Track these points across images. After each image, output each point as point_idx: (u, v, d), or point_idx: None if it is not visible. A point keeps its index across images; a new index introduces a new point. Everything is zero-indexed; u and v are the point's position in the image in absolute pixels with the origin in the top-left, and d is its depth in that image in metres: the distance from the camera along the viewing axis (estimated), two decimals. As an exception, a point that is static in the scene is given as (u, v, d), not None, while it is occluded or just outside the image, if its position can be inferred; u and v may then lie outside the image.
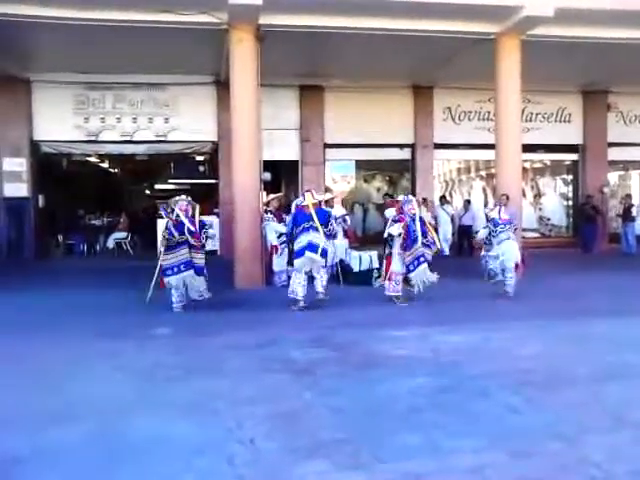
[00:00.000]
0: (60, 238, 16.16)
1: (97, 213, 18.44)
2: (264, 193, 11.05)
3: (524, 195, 16.19)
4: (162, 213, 8.67)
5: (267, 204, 10.74)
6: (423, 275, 8.32)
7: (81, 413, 4.17)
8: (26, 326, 7.15)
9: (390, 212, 8.87)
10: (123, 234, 16.72)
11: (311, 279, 8.27)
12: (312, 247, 8.00)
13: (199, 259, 7.97)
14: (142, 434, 3.77)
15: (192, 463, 3.36)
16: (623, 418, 3.99)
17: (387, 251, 8.65)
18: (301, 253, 8.05)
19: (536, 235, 16.94)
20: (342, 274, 10.15)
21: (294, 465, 3.33)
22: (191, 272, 7.85)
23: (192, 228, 7.86)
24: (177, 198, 8.21)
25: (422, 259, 8.30)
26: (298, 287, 8.09)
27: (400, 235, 8.23)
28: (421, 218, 8.48)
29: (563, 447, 3.53)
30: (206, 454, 3.47)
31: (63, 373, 5.19)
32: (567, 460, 3.38)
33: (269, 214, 10.42)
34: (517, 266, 8.73)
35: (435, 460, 3.37)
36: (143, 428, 3.86)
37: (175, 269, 7.83)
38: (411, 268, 8.32)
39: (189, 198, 8.23)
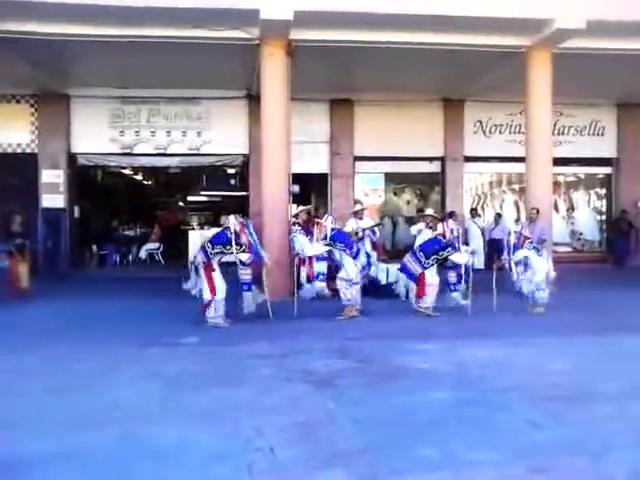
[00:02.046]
0: (94, 248, 16.50)
1: (130, 224, 18.79)
2: (293, 205, 11.11)
3: (557, 209, 15.98)
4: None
5: (295, 216, 10.81)
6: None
7: (107, 418, 4.27)
8: (61, 333, 7.37)
9: (415, 228, 8.96)
10: (155, 245, 17.00)
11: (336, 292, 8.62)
12: None
13: (244, 274, 8.25)
14: (163, 440, 3.84)
15: (211, 470, 3.41)
16: (649, 436, 3.91)
17: (420, 269, 8.63)
18: None
19: (568, 249, 16.63)
20: (369, 287, 10.13)
21: (312, 474, 3.36)
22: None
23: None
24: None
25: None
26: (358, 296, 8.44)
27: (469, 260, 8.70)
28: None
29: (585, 463, 3.48)
30: (226, 462, 3.51)
31: (93, 378, 5.33)
32: (588, 477, 3.34)
33: (297, 226, 10.47)
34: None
35: (453, 473, 3.35)
36: (165, 434, 3.94)
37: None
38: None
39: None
